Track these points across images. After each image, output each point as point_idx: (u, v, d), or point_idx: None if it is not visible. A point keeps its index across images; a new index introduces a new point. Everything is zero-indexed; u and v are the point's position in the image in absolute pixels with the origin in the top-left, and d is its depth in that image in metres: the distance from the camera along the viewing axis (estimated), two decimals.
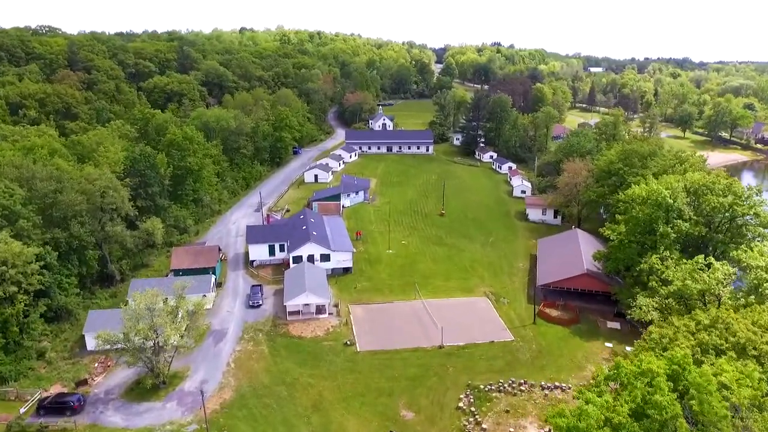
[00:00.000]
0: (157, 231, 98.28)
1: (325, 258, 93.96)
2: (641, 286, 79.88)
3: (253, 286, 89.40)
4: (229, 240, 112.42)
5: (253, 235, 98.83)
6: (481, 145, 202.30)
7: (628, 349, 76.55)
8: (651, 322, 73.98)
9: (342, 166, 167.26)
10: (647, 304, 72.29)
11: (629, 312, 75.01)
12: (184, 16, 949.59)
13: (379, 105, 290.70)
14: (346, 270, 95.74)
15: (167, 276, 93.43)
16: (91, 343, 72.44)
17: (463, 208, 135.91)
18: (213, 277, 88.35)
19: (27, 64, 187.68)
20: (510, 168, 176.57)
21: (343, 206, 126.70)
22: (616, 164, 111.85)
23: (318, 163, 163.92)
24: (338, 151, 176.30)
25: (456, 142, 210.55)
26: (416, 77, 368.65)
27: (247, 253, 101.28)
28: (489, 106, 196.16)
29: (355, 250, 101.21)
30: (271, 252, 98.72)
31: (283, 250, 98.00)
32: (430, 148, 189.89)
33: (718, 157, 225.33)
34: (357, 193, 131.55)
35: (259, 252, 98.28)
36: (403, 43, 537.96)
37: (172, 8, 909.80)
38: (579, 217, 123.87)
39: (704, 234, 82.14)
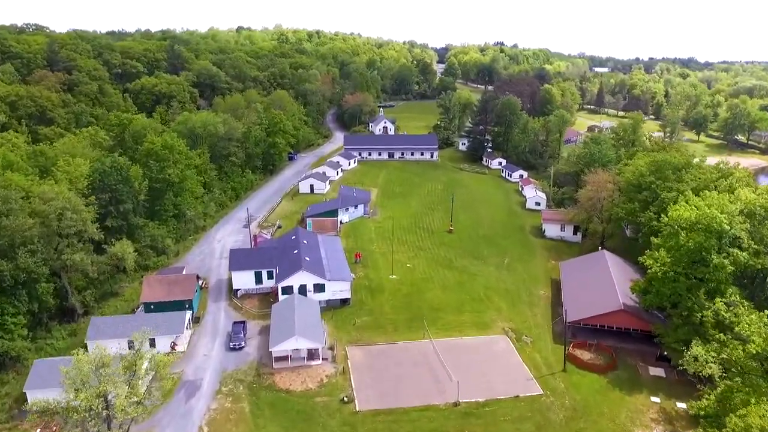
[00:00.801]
0: (128, 255, 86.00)
1: (320, 288, 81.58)
2: (691, 327, 67.74)
3: (235, 323, 76.94)
4: (212, 262, 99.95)
5: (237, 260, 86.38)
6: (489, 150, 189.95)
7: (680, 405, 64.37)
8: (710, 378, 61.93)
9: (340, 174, 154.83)
10: (704, 355, 60.11)
11: (681, 362, 62.71)
12: (181, 16, 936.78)
13: (379, 107, 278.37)
14: (344, 301, 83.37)
15: (137, 310, 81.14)
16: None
17: (474, 224, 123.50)
18: (189, 313, 75.91)
19: (3, 64, 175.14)
20: (521, 176, 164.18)
21: (340, 222, 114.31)
22: (647, 177, 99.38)
23: (314, 171, 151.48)
24: (336, 158, 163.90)
25: (462, 148, 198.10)
26: (418, 78, 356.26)
27: (231, 279, 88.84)
28: (497, 108, 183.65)
29: (354, 277, 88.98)
30: (258, 280, 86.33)
31: (272, 278, 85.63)
32: (435, 154, 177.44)
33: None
34: (356, 207, 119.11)
35: (243, 280, 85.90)
36: (404, 43, 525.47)
37: (169, 8, 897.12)
38: (603, 236, 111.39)
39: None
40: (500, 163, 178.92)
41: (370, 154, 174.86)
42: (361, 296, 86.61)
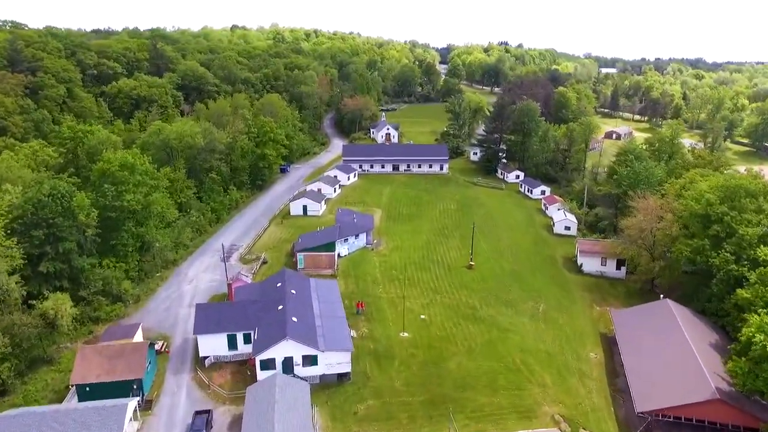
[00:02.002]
0: (64, 313, 66.67)
1: (311, 361, 62.27)
2: None
3: (196, 413, 57.42)
4: (180, 312, 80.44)
5: (205, 320, 66.90)
6: (504, 161, 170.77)
7: None
8: None
9: (338, 191, 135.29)
10: None
11: None
12: (174, 15, 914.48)
13: (381, 110, 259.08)
14: (343, 376, 63.98)
15: (72, 386, 61.60)
16: None
17: (496, 254, 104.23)
18: (134, 402, 56.33)
19: None
20: (543, 193, 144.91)
21: (338, 256, 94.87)
22: (717, 207, 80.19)
23: (308, 189, 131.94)
24: (333, 171, 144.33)
25: (473, 158, 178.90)
26: (421, 79, 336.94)
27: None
28: (514, 115, 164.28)
29: (355, 335, 69.86)
30: (232, 345, 66.95)
31: (249, 342, 66.27)
32: (445, 166, 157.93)
33: None
34: (357, 236, 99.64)
35: (213, 345, 66.50)
36: (406, 42, 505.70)
37: (161, 7, 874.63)
38: (653, 276, 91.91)
39: None
40: (518, 177, 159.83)
41: (372, 167, 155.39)
42: (365, 366, 67.19)
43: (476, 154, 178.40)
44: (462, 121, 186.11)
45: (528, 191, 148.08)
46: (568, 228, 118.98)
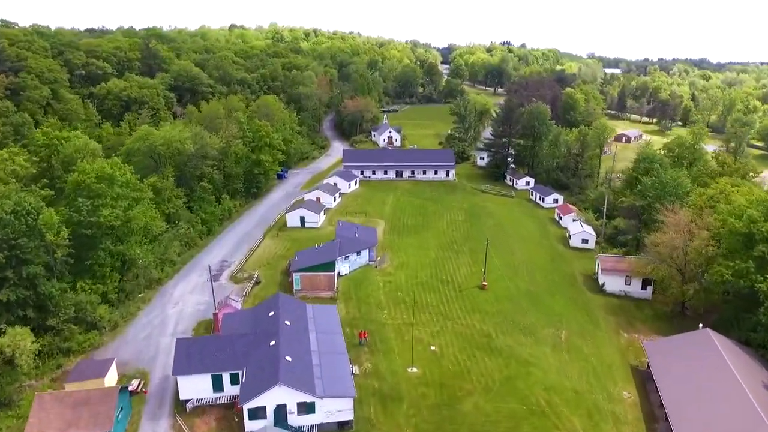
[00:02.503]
0: (23, 351, 58.28)
1: (308, 408, 53.83)
2: None
3: None
4: (161, 342, 71.98)
5: (186, 358, 58.41)
6: (512, 167, 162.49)
7: None
8: None
9: (337, 200, 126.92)
10: None
11: None
12: (171, 14, 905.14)
13: (382, 111, 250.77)
14: (344, 425, 55.55)
15: None
16: None
17: (510, 272, 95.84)
18: None
19: None
20: (556, 201, 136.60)
21: (339, 275, 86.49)
22: (762, 224, 71.82)
23: (306, 197, 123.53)
24: (333, 178, 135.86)
25: (480, 163, 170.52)
26: (423, 79, 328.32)
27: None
28: (523, 118, 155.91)
29: (357, 372, 61.62)
30: (217, 386, 58.49)
31: (236, 383, 57.86)
32: (451, 172, 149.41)
33: None
34: (359, 253, 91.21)
35: (195, 387, 58.04)
36: (407, 42, 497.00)
37: (158, 6, 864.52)
38: (685, 299, 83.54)
39: None
40: (528, 184, 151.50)
41: (374, 173, 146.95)
42: (369, 410, 58.77)
43: (483, 158, 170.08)
44: (468, 123, 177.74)
45: (540, 199, 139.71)
46: (585, 241, 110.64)
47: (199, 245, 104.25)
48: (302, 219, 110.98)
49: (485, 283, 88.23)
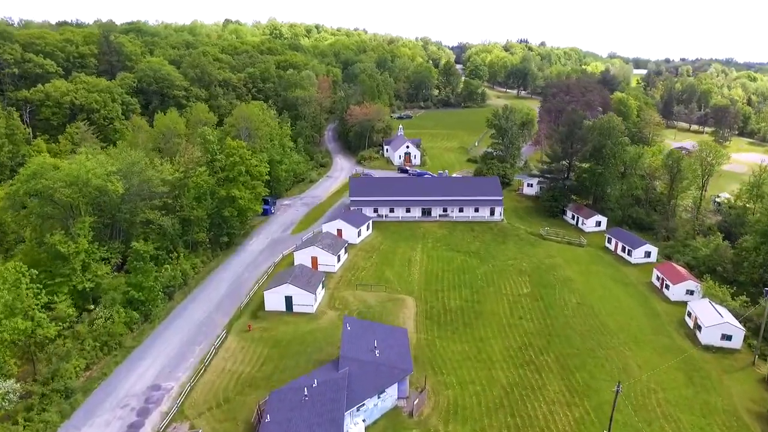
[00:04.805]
0: None
1: None
2: None
3: None
4: None
5: None
6: (573, 198, 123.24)
7: None
8: None
9: (342, 258, 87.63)
10: None
11: None
12: (167, 9, 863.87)
13: (393, 116, 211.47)
14: None
15: None
16: None
17: (644, 420, 56.19)
18: None
19: None
20: (648, 255, 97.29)
21: None
22: None
23: (297, 258, 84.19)
24: (336, 222, 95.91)
25: (527, 191, 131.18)
26: (439, 81, 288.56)
27: None
28: (592, 134, 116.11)
29: None
30: None
31: None
32: (498, 210, 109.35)
33: None
34: (381, 394, 51.79)
35: None
36: (417, 40, 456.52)
37: (152, 1, 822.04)
38: None
39: None
40: (599, 224, 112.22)
41: (392, 211, 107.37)
42: None
43: (531, 185, 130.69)
44: (509, 140, 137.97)
45: (623, 250, 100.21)
46: (727, 338, 71.18)
47: (122, 351, 65.02)
48: (288, 300, 71.80)
49: None
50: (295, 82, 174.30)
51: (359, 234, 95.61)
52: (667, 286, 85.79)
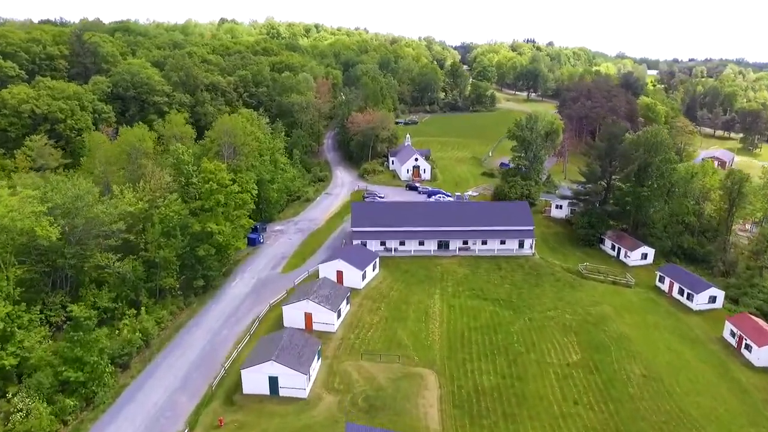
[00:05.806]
0: None
1: None
2: None
3: None
4: None
5: None
6: (611, 224, 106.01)
7: None
8: None
9: (344, 312, 70.55)
10: None
11: None
12: (163, 8, 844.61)
13: (398, 123, 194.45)
14: None
15: None
16: None
17: None
18: None
19: None
20: (713, 300, 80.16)
21: None
22: None
23: (286, 316, 67.20)
24: (336, 263, 78.30)
25: (556, 213, 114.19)
26: (445, 83, 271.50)
27: None
28: (638, 152, 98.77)
29: None
30: None
31: None
32: (529, 243, 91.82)
33: None
34: None
35: None
36: (420, 39, 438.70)
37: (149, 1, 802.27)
38: None
39: None
40: (644, 257, 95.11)
41: (403, 244, 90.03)
42: None
43: (560, 207, 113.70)
44: (533, 153, 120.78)
45: (680, 293, 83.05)
46: None
47: None
48: (273, 382, 54.66)
49: None
50: (291, 86, 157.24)
51: (364, 276, 78.40)
52: (748, 347, 68.77)
